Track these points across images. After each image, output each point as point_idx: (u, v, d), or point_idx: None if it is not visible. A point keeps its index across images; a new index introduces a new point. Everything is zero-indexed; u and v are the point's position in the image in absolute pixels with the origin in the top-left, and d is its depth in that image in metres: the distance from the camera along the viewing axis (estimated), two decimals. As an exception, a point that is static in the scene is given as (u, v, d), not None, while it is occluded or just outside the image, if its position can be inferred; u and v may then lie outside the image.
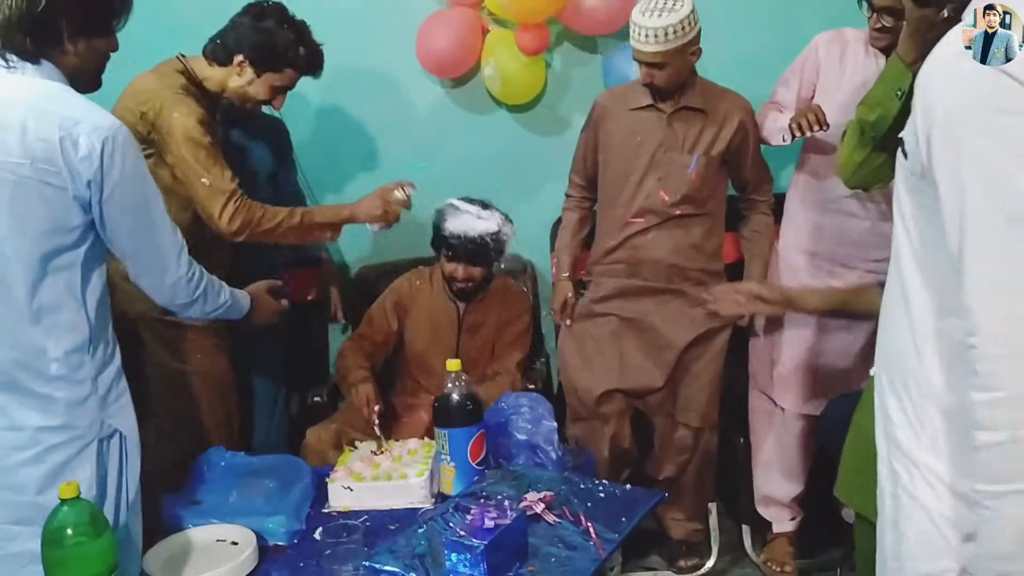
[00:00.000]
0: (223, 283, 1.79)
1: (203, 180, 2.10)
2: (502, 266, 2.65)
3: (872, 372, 1.31)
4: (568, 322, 2.60)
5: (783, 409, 2.54)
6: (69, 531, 1.36)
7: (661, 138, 2.44)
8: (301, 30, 2.25)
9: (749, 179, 2.55)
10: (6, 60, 1.48)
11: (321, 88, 2.75)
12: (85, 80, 1.57)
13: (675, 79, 2.35)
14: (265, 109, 2.41)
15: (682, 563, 2.64)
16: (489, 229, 2.45)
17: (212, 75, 2.22)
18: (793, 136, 2.34)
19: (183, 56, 2.24)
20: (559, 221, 2.95)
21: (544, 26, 2.78)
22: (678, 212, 2.45)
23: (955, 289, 1.01)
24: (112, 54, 1.60)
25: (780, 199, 2.61)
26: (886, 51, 2.26)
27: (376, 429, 2.17)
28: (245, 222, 2.14)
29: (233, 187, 2.13)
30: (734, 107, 2.45)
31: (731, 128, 2.43)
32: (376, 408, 2.32)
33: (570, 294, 2.63)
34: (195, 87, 2.20)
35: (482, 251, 2.47)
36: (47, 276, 1.48)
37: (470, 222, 2.42)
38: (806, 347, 2.46)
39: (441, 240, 2.50)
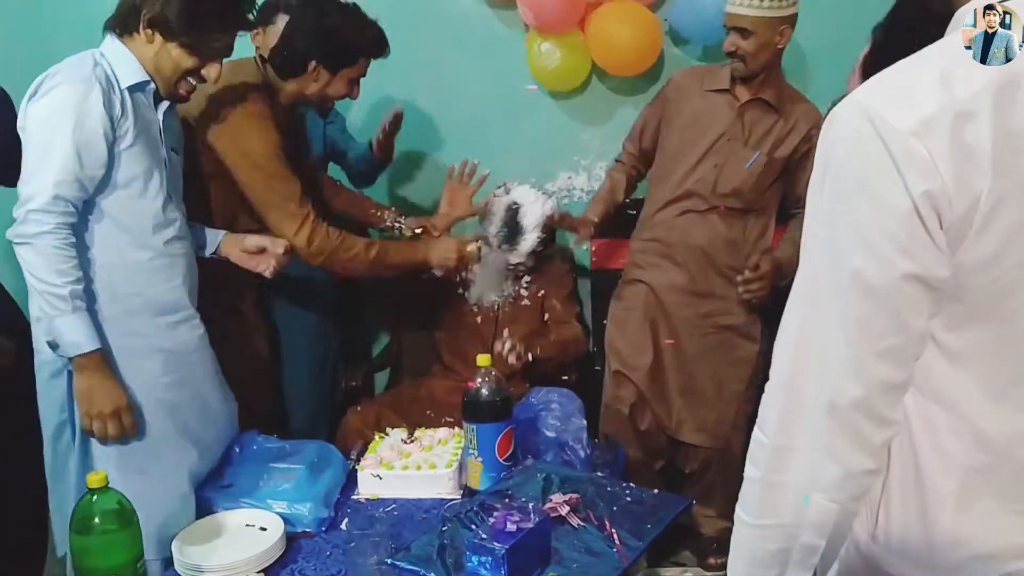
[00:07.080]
0: None
1: (276, 211, 2.12)
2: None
3: None
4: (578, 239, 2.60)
5: None
6: (97, 520, 1.39)
7: (727, 126, 2.38)
8: (359, 14, 2.18)
9: (800, 195, 2.40)
10: None
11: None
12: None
13: (758, 56, 2.27)
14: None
15: (712, 560, 2.61)
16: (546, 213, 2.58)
17: (286, 88, 2.18)
18: None
19: (261, 59, 2.19)
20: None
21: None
22: (724, 205, 2.38)
23: None
24: None
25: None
26: None
27: None
28: (322, 247, 2.15)
29: (307, 211, 2.13)
30: (805, 116, 2.36)
31: (798, 135, 2.35)
32: None
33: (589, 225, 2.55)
34: (269, 97, 2.15)
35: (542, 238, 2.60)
36: None
37: (532, 212, 2.55)
38: None
39: (503, 224, 2.59)
